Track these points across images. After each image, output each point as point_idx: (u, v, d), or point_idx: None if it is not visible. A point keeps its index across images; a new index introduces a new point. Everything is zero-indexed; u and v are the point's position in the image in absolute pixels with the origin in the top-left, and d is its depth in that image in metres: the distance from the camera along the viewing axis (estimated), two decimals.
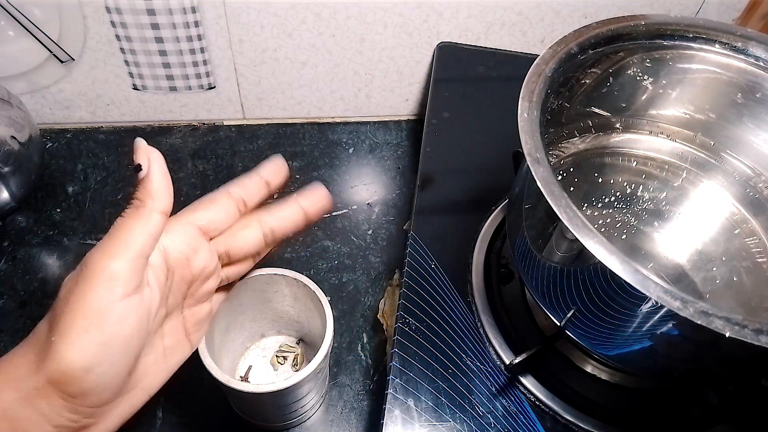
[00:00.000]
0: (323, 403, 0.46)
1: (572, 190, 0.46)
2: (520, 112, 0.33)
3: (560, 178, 0.45)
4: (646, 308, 0.29)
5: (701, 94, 0.43)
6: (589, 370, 0.42)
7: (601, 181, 0.47)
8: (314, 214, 0.35)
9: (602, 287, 0.31)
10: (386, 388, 0.40)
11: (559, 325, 0.36)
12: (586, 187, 0.47)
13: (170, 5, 0.54)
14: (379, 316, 0.51)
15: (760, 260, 0.43)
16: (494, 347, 0.42)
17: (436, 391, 0.40)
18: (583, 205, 0.47)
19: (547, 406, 0.40)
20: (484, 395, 0.40)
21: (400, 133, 0.68)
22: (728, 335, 0.26)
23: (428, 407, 0.39)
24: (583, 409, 0.40)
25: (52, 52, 0.56)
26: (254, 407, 0.42)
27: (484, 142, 0.57)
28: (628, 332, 0.32)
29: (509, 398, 0.40)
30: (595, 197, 0.47)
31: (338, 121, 0.69)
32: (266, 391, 0.35)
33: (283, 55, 0.61)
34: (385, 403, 0.39)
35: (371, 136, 0.68)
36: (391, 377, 0.40)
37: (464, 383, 0.40)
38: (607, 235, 0.43)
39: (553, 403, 0.40)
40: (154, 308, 0.29)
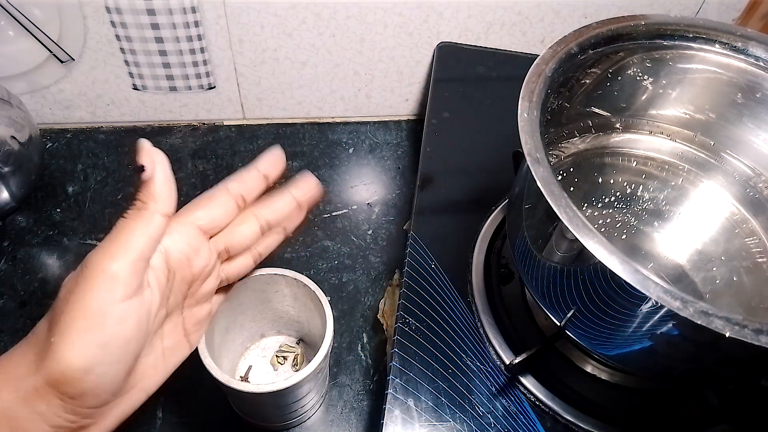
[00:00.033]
0: (323, 403, 0.46)
1: (572, 190, 0.46)
2: (520, 112, 0.33)
3: (560, 178, 0.45)
4: (646, 308, 0.29)
5: (701, 94, 0.43)
6: (589, 370, 0.42)
7: (601, 181, 0.47)
8: (306, 202, 0.36)
9: (602, 287, 0.31)
10: (386, 388, 0.40)
11: (559, 325, 0.36)
12: (586, 187, 0.47)
13: (170, 5, 0.54)
14: (379, 316, 0.51)
15: (760, 260, 0.43)
16: (494, 347, 0.42)
17: (436, 391, 0.40)
18: (583, 205, 0.47)
19: (547, 406, 0.40)
20: (484, 395, 0.40)
21: (400, 133, 0.68)
22: (728, 335, 0.26)
23: (428, 407, 0.39)
24: (583, 409, 0.40)
25: (52, 52, 0.56)
26: (254, 407, 0.42)
27: (484, 142, 0.57)
28: (628, 332, 0.32)
29: (509, 398, 0.40)
30: (595, 197, 0.47)
31: (338, 121, 0.69)
32: (266, 391, 0.35)
33: (283, 55, 0.61)
34: (385, 403, 0.39)
35: (371, 136, 0.68)
36: (391, 377, 0.40)
37: (464, 383, 0.40)
38: (607, 235, 0.43)
39: (553, 403, 0.40)
40: (154, 310, 0.29)
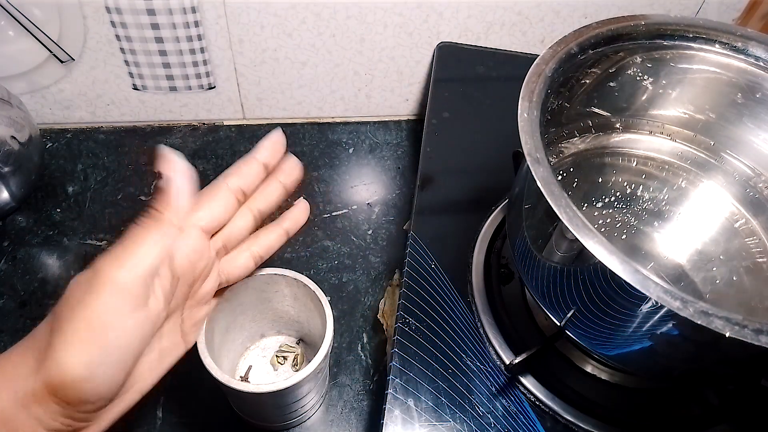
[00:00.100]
0: (323, 403, 0.46)
1: (572, 190, 0.46)
2: (520, 112, 0.33)
3: (560, 178, 0.45)
4: (646, 308, 0.29)
5: (701, 94, 0.43)
6: (589, 370, 0.42)
7: (601, 181, 0.47)
8: (291, 184, 0.37)
9: (602, 287, 0.31)
10: (386, 388, 0.40)
11: (559, 325, 0.36)
12: (586, 187, 0.47)
13: (170, 5, 0.54)
14: (379, 316, 0.51)
15: (760, 260, 0.43)
16: (494, 347, 0.42)
17: (436, 391, 0.40)
18: (583, 205, 0.47)
19: (547, 406, 0.40)
20: (484, 395, 0.40)
21: (400, 133, 0.68)
22: (728, 335, 0.26)
23: (428, 407, 0.39)
24: (583, 409, 0.40)
25: (52, 52, 0.56)
26: (254, 407, 0.42)
27: (484, 142, 0.57)
28: (628, 332, 0.32)
29: (509, 398, 0.40)
30: (595, 197, 0.47)
31: (338, 121, 0.69)
32: (266, 391, 0.35)
33: (283, 55, 0.61)
34: (385, 403, 0.39)
35: (371, 136, 0.68)
36: (391, 377, 0.40)
37: (464, 383, 0.40)
38: (607, 235, 0.43)
39: (553, 403, 0.40)
40: (158, 319, 0.29)
